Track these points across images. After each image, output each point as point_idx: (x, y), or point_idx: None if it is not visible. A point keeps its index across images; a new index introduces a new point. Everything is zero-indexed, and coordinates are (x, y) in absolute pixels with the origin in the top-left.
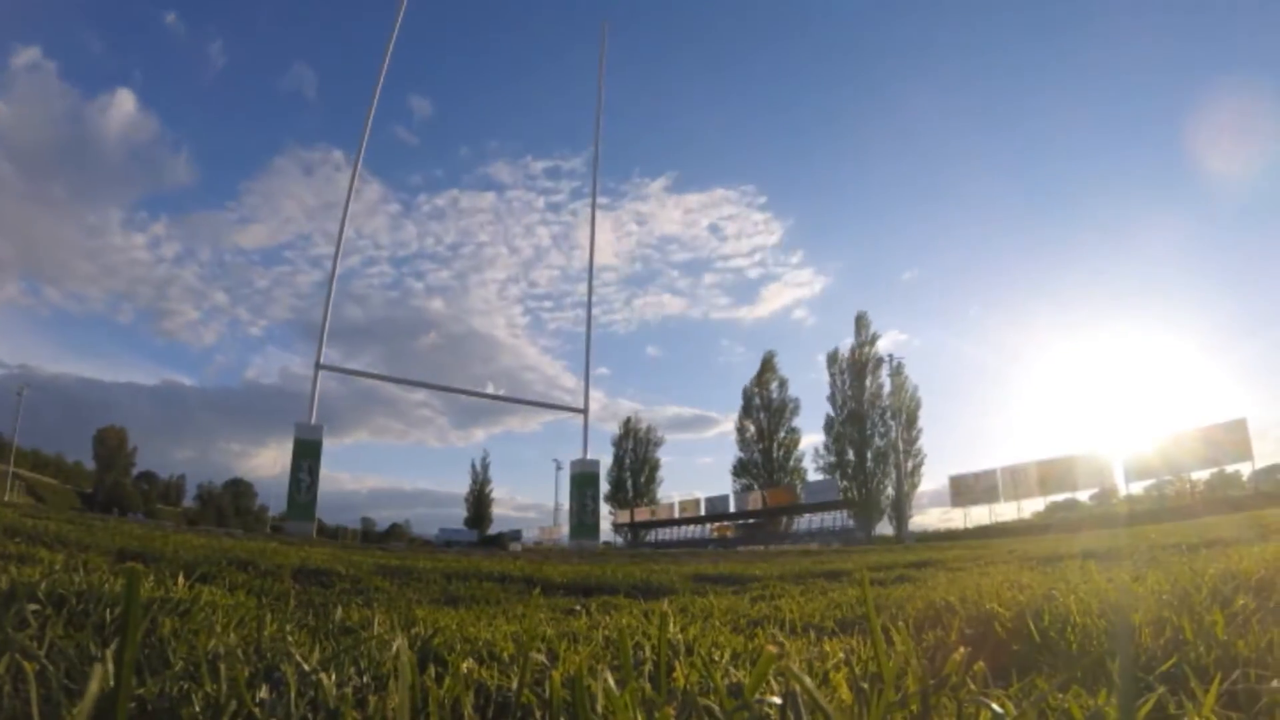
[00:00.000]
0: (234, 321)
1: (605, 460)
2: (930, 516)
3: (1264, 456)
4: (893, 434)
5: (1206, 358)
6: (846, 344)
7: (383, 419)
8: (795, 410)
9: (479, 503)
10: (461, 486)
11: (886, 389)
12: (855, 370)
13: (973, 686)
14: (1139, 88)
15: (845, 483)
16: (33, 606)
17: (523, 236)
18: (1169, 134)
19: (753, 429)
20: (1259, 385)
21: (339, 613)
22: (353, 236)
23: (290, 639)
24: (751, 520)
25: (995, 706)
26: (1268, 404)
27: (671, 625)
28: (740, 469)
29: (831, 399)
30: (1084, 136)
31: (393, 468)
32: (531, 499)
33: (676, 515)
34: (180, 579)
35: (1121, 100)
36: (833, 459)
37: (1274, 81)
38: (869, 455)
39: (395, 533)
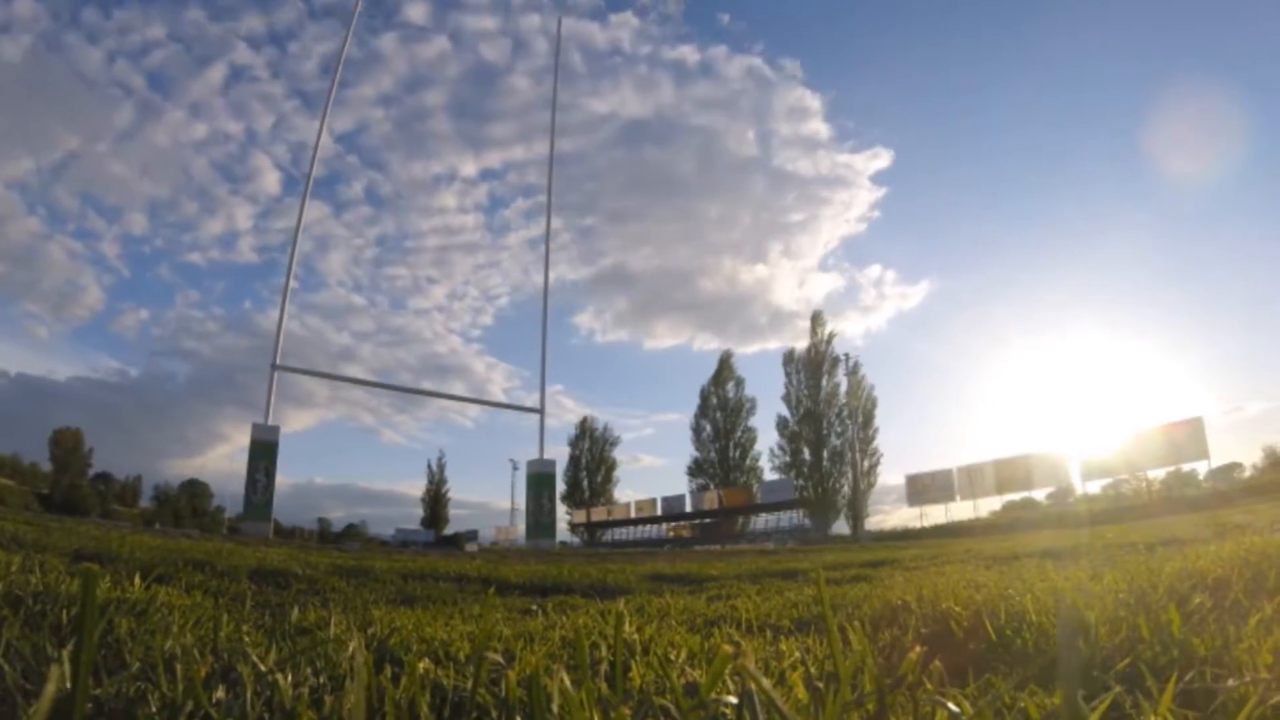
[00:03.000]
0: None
1: (559, 451)
2: (891, 517)
3: (1220, 455)
4: (849, 433)
5: (1162, 357)
6: (803, 343)
7: (310, 385)
8: (752, 410)
9: (435, 503)
10: (417, 487)
11: (843, 388)
12: (811, 369)
13: (929, 685)
14: (1102, 85)
15: (801, 482)
16: None
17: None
18: (1131, 134)
19: (709, 428)
20: (1215, 384)
21: (295, 613)
22: (203, 19)
23: (247, 639)
24: (708, 520)
25: (951, 706)
26: (1225, 403)
27: (628, 625)
28: (696, 468)
29: (787, 398)
30: (1044, 134)
31: (349, 467)
32: (481, 497)
33: (633, 515)
34: (136, 579)
35: (1084, 99)
36: (788, 459)
37: (1237, 84)
38: (825, 455)
39: (352, 533)
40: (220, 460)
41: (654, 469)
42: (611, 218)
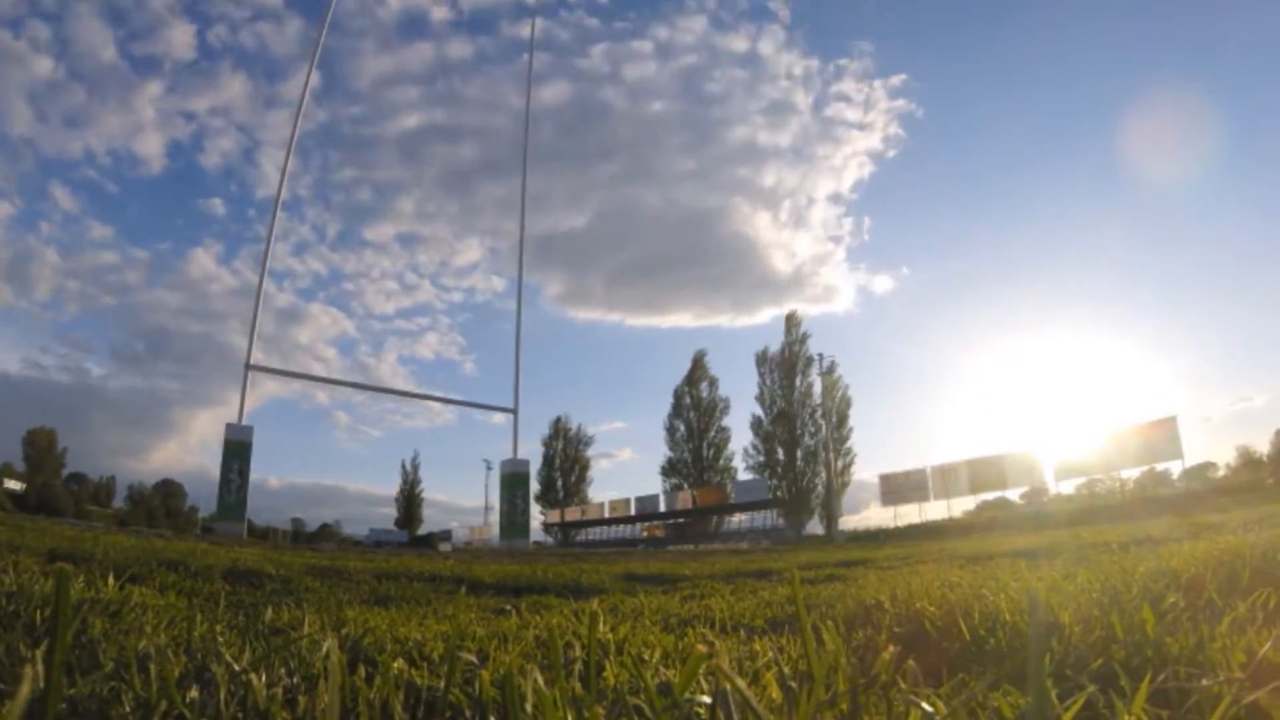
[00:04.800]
0: None
1: (532, 449)
2: (866, 517)
3: (1194, 455)
4: (823, 433)
5: (1135, 357)
6: (776, 343)
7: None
8: (726, 409)
9: (409, 503)
10: (391, 487)
11: (817, 388)
12: (785, 369)
13: (903, 685)
14: (1080, 86)
15: (775, 482)
16: None
17: None
18: (1106, 134)
19: (683, 428)
20: (1189, 384)
21: (269, 613)
22: None
23: (220, 639)
24: (682, 520)
25: (925, 705)
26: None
27: (602, 625)
28: (670, 468)
29: (760, 399)
30: (1021, 135)
31: (321, 467)
32: (446, 496)
33: (607, 515)
34: (110, 580)
35: (1061, 98)
36: (762, 459)
37: (1213, 87)
38: (799, 454)
39: (326, 533)
40: (169, 457)
41: (632, 464)
42: (629, 94)
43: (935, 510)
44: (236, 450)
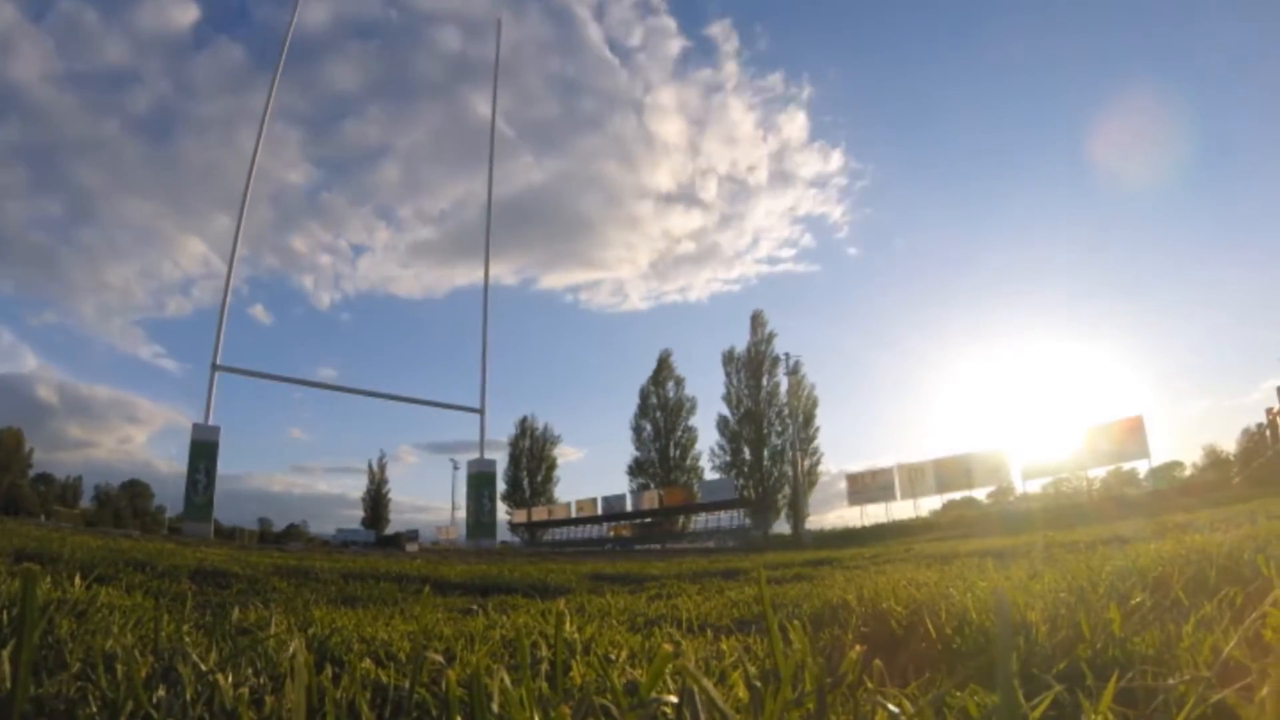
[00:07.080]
0: None
1: (496, 443)
2: (832, 516)
3: (1160, 454)
4: (790, 432)
5: (1103, 357)
6: (743, 342)
7: (200, 321)
8: (692, 409)
9: (376, 503)
10: (358, 488)
11: (783, 387)
12: (752, 369)
13: (869, 684)
14: (1052, 88)
15: (742, 481)
16: None
17: None
18: (1072, 135)
19: (649, 428)
20: (1156, 383)
21: (236, 613)
22: None
23: (187, 639)
24: (648, 520)
25: (891, 705)
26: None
27: (568, 624)
28: (636, 468)
29: (727, 398)
30: (986, 135)
31: (291, 467)
32: (407, 496)
33: (574, 515)
34: (77, 580)
35: (1033, 100)
36: (729, 458)
37: (1185, 90)
38: (765, 454)
39: (293, 533)
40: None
41: (597, 461)
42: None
43: (902, 510)
44: (203, 450)
